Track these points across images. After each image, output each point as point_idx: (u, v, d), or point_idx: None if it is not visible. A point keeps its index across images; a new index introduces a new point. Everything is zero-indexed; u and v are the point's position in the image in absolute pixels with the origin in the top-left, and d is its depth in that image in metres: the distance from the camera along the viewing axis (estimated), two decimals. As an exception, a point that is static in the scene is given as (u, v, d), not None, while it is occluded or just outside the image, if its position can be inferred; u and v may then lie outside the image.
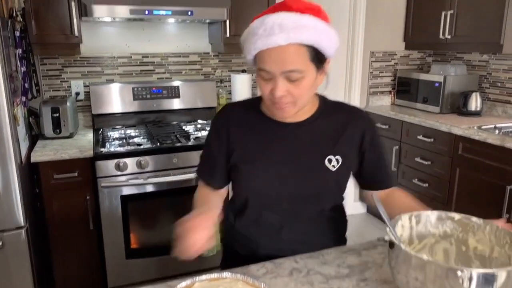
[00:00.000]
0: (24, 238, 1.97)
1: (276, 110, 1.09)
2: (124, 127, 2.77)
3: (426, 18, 3.31)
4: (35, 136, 2.47)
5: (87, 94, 2.79)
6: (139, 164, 2.28)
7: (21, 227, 1.96)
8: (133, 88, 2.78)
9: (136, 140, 2.47)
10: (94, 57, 2.80)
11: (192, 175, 2.34)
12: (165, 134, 2.59)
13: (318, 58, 1.03)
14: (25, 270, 2.00)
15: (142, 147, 2.35)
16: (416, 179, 3.10)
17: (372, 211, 3.73)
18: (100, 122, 2.76)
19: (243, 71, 3.05)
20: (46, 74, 2.71)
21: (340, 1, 3.39)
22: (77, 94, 2.77)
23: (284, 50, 0.98)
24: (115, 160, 2.24)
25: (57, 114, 2.39)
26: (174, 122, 2.91)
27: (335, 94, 3.63)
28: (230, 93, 3.13)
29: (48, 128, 2.40)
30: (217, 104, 3.04)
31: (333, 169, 1.15)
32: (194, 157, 2.38)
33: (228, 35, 2.70)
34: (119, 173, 2.25)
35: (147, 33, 2.89)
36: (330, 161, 1.15)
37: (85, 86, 2.79)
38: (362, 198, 3.70)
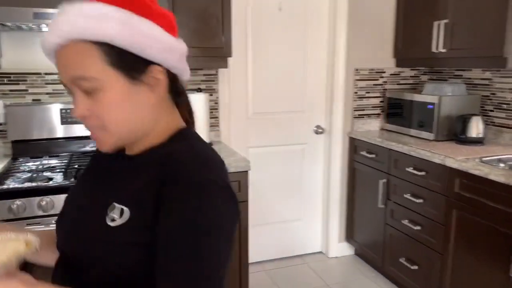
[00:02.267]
0: None
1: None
2: (48, 156, 2.31)
3: (418, 30, 2.84)
4: None
5: (9, 116, 2.34)
6: (39, 206, 1.80)
7: None
8: (61, 110, 2.33)
9: (48, 173, 2.01)
10: (17, 73, 2.37)
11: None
12: (89, 166, 2.12)
13: (127, 62, 0.73)
14: None
15: (50, 183, 1.88)
16: (407, 220, 2.56)
17: (361, 253, 3.16)
18: (20, 151, 2.31)
19: (199, 90, 2.59)
20: (-44, 93, 2.29)
21: (317, 9, 2.94)
22: (-5, 116, 2.34)
23: (66, 50, 0.72)
24: (9, 201, 1.77)
25: (-46, 141, 1.96)
26: (113, 150, 2.44)
27: (314, 118, 3.17)
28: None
29: None
30: (167, 129, 2.57)
31: (113, 225, 0.74)
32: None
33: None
34: (12, 216, 1.78)
35: (84, 46, 2.46)
36: (112, 210, 0.75)
37: (6, 106, 2.36)
38: (348, 239, 3.15)
